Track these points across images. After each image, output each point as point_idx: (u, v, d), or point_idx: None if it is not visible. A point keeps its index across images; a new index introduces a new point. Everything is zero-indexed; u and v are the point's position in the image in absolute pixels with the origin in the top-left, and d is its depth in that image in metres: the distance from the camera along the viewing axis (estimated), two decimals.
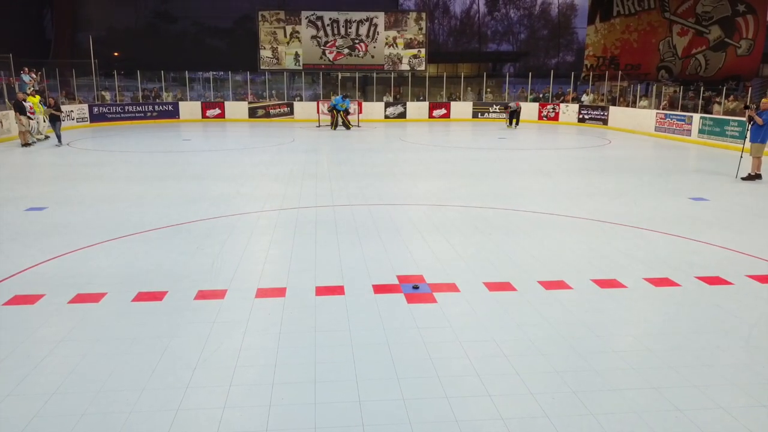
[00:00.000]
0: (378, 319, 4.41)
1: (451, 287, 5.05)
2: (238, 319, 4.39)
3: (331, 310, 4.58)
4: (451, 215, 7.88)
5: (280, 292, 4.94)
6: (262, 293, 4.91)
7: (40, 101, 17.32)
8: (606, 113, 22.58)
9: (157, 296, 4.83)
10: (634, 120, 20.57)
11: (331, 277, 5.29)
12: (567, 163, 13.82)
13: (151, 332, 4.19)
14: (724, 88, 18.53)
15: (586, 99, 24.49)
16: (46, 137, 17.13)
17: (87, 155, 14.44)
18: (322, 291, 4.95)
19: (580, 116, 23.95)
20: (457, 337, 4.11)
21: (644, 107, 20.78)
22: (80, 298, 4.77)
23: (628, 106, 22.27)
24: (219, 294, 4.88)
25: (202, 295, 4.87)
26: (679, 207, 8.59)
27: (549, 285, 5.13)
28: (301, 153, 14.95)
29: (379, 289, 5.00)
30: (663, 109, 19.46)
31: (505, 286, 5.08)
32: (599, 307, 4.69)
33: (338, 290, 4.97)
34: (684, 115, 17.85)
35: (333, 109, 21.19)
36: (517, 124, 23.01)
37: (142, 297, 4.81)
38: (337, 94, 22.22)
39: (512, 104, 23.41)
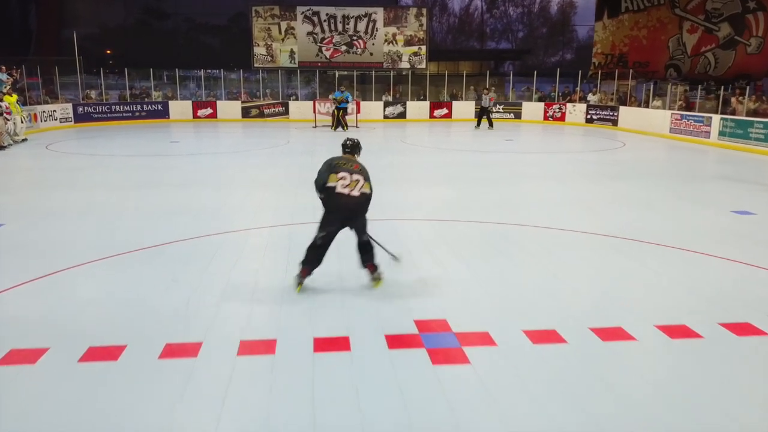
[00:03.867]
0: (396, 388, 3.39)
1: (484, 338, 4.03)
2: (215, 389, 3.37)
3: (334, 373, 3.56)
4: (465, 233, 6.87)
5: (268, 346, 3.91)
6: (247, 348, 3.88)
7: (17, 101, 16.23)
8: (616, 113, 21.59)
9: (112, 353, 3.79)
10: (647, 121, 19.59)
11: (333, 324, 4.26)
12: (582, 167, 12.82)
13: (98, 407, 3.17)
14: (737, 87, 17.59)
15: (592, 98, 23.49)
16: (24, 140, 16.03)
17: (65, 159, 13.35)
18: (321, 345, 3.92)
19: (588, 117, 22.95)
20: (503, 417, 3.09)
21: (658, 107, 19.79)
22: (11, 357, 3.74)
23: (639, 106, 21.27)
24: (191, 349, 3.85)
25: (171, 350, 3.84)
26: (723, 222, 7.59)
27: (605, 334, 4.11)
28: (297, 156, 13.91)
29: (394, 341, 3.97)
30: (679, 109, 18.48)
31: (551, 336, 4.07)
32: (677, 369, 3.68)
33: (342, 343, 3.94)
34: (702, 116, 16.88)
35: (336, 108, 20.16)
36: (490, 125, 20.95)
37: (92, 355, 3.77)
38: (335, 92, 21.18)
39: (484, 98, 21.20)
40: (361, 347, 3.88)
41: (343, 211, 4.79)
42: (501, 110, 25.04)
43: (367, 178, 4.92)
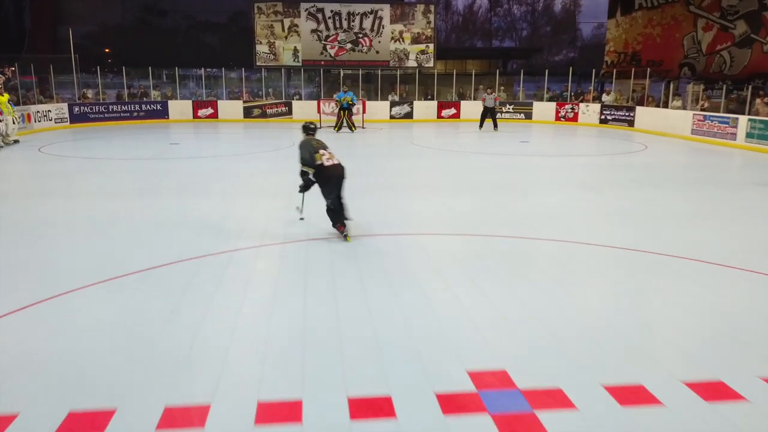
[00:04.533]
0: None
1: (559, 398, 3.26)
2: None
3: None
4: (500, 250, 6.10)
5: (292, 411, 3.14)
6: (266, 414, 3.11)
7: (9, 101, 15.45)
8: (632, 114, 20.82)
9: (97, 422, 3.02)
10: (666, 122, 18.83)
11: (370, 377, 3.49)
12: (609, 172, 12.06)
13: None
14: (756, 87, 16.81)
15: (607, 98, 22.72)
16: (16, 141, 15.25)
17: (58, 163, 12.57)
18: (359, 409, 3.15)
19: (602, 117, 22.19)
20: None
21: (678, 108, 19.03)
22: None
23: (657, 106, 20.47)
24: (197, 416, 3.08)
25: (171, 417, 3.07)
26: None
27: (705, 391, 3.34)
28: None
29: (448, 403, 3.19)
30: (702, 110, 17.70)
31: (641, 395, 3.30)
32: None
33: (384, 407, 3.17)
34: (728, 117, 16.11)
35: (341, 109, 19.31)
36: (494, 126, 19.65)
37: (72, 425, 3.00)
38: (338, 92, 20.30)
39: (487, 98, 19.63)
40: (408, 412, 3.11)
41: (337, 178, 6.10)
42: (511, 110, 24.29)
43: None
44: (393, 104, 24.19)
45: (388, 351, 3.80)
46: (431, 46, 24.95)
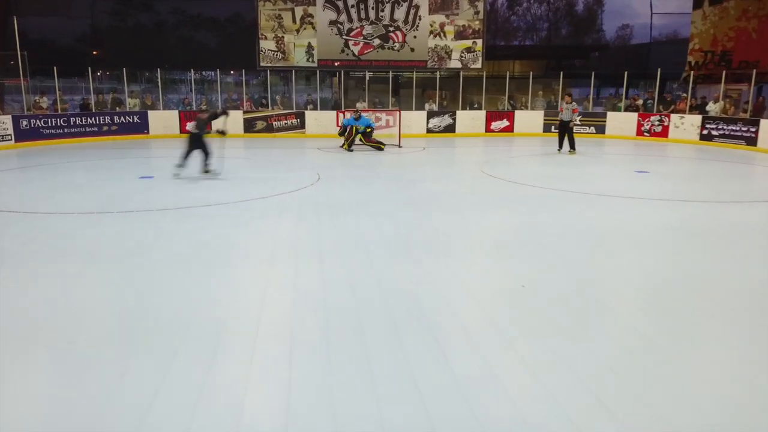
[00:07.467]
0: None
1: None
2: None
3: None
4: None
5: None
6: None
7: None
8: (755, 129, 16.02)
9: None
10: None
11: None
12: None
13: None
14: None
15: (713, 108, 17.92)
16: None
17: None
18: None
19: (705, 131, 17.39)
20: None
21: None
22: None
23: None
24: None
25: None
26: None
27: None
28: (341, 215, 8.16)
29: None
30: None
31: None
32: None
33: None
34: None
35: (346, 129, 14.93)
36: (571, 146, 14.85)
37: None
38: (348, 116, 15.65)
39: (565, 109, 14.89)
40: None
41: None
42: (578, 122, 19.47)
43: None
44: (431, 115, 19.36)
45: None
46: (479, 42, 20.06)
